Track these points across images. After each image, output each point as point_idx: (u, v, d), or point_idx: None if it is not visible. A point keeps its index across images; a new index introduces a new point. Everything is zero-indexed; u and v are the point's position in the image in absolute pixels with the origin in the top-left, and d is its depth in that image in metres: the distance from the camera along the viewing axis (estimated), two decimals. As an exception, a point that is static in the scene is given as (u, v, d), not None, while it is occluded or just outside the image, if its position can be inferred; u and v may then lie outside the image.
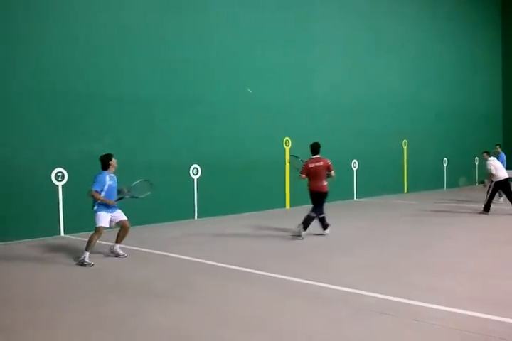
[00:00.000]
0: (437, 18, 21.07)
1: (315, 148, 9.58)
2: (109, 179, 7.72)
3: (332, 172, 9.46)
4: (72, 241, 9.48)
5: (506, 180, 12.66)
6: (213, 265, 7.24)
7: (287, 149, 14.54)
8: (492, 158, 12.95)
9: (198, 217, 12.33)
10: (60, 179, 10.00)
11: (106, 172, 7.78)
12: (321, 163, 9.43)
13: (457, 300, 5.35)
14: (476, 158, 22.74)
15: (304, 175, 9.47)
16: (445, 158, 21.01)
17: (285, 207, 14.50)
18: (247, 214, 13.11)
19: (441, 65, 21.10)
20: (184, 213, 12.05)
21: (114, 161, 7.85)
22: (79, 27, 10.35)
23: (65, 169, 10.05)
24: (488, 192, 12.72)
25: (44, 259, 7.91)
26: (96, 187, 7.59)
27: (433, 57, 20.63)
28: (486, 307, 5.08)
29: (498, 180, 12.58)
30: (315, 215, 9.43)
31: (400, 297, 5.46)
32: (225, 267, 7.09)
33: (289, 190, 14.57)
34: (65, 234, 10.00)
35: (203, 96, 12.49)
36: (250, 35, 13.64)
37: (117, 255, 7.96)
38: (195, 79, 12.35)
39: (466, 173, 22.19)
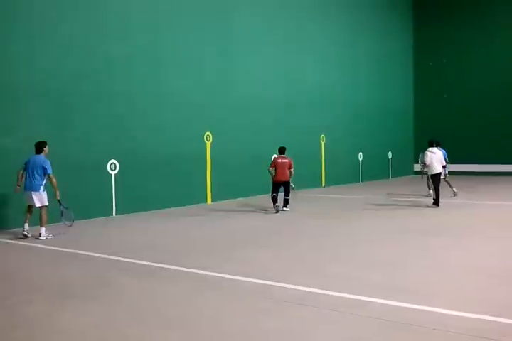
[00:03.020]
0: (355, 19, 21.75)
1: (281, 150, 12.57)
2: None
3: (292, 170, 12.33)
4: (-20, 241, 8.95)
5: (438, 175, 12.84)
6: (133, 263, 7.09)
7: (208, 144, 14.49)
8: (431, 149, 12.99)
9: (116, 213, 12.02)
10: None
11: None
12: (286, 160, 12.31)
13: (374, 289, 5.56)
14: (390, 152, 23.77)
15: (271, 168, 12.23)
16: (360, 153, 21.79)
17: (206, 202, 14.45)
18: (168, 209, 12.95)
19: (357, 63, 21.83)
20: (102, 210, 11.70)
21: (47, 148, 9.19)
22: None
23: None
24: (429, 188, 12.93)
25: None
26: (51, 172, 8.96)
27: (350, 56, 21.30)
28: (402, 296, 5.31)
29: (434, 173, 12.76)
30: (289, 197, 12.37)
31: (319, 288, 5.60)
32: (144, 264, 6.96)
33: (210, 186, 14.53)
34: (-29, 234, 9.42)
35: (121, 90, 12.15)
36: (171, 29, 13.42)
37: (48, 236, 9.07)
38: (113, 72, 11.99)
39: (380, 167, 23.23)
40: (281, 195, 12.39)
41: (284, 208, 12.27)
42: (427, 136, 24.47)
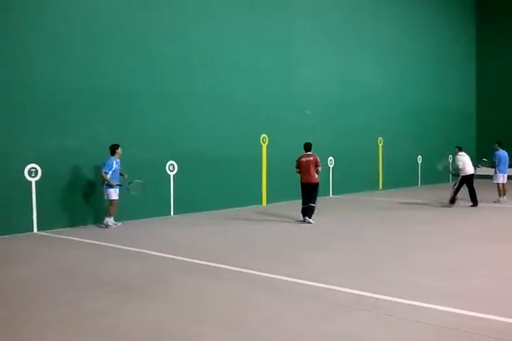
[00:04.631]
0: (414, 18, 21.30)
1: (306, 147, 11.24)
2: (115, 163, 10.20)
3: (319, 168, 11.05)
4: (45, 237, 9.36)
5: (472, 176, 13.36)
6: (189, 262, 7.23)
7: (264, 146, 14.56)
8: (461, 153, 13.58)
9: (174, 213, 12.28)
10: (33, 175, 9.86)
11: (113, 157, 10.21)
12: (311, 158, 10.95)
13: (431, 295, 5.44)
14: (450, 155, 23.07)
15: (298, 169, 11.08)
16: (419, 156, 21.29)
17: (262, 203, 14.54)
18: (224, 210, 13.10)
19: (417, 65, 21.35)
20: (161, 209, 11.99)
21: (119, 150, 10.28)
22: (52, 17, 10.18)
23: (38, 165, 9.91)
24: (454, 186, 13.59)
25: (15, 256, 7.81)
26: (104, 170, 10.05)
27: (408, 56, 20.85)
28: (459, 302, 5.17)
29: (464, 174, 13.32)
30: (315, 205, 10.89)
31: (374, 292, 5.53)
32: (201, 264, 7.08)
33: (266, 187, 14.61)
34: (38, 230, 9.86)
35: (180, 92, 12.41)
36: (229, 31, 13.59)
37: (113, 225, 10.42)
38: (171, 74, 12.27)
39: (440, 170, 22.57)
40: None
41: (307, 219, 10.83)
42: (489, 139, 23.62)
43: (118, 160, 10.37)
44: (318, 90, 16.44)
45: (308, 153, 11.12)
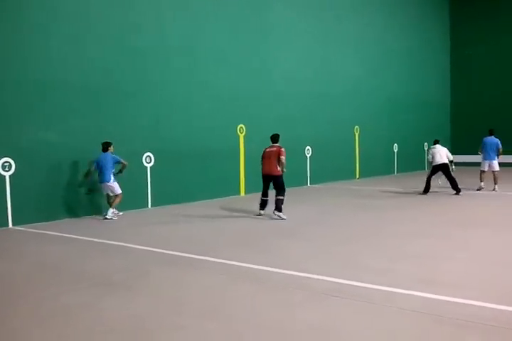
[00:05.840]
0: (389, 8, 21.41)
1: (272, 138, 10.55)
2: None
3: (282, 157, 10.14)
4: (21, 232, 9.22)
5: (443, 165, 13.64)
6: (170, 254, 7.19)
7: (241, 136, 14.53)
8: (433, 146, 14.06)
9: (151, 205, 12.20)
10: (6, 169, 9.67)
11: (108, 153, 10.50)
12: (274, 149, 10.28)
13: (409, 281, 5.51)
14: (426, 143, 23.38)
15: (261, 161, 10.50)
16: (395, 144, 21.51)
17: (240, 194, 14.53)
18: (202, 201, 13.07)
19: (392, 54, 21.50)
20: (138, 202, 11.90)
21: (111, 147, 10.57)
22: (29, 10, 9.94)
23: (12, 159, 9.72)
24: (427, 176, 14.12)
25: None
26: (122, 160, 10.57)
27: (384, 46, 20.98)
28: (438, 288, 5.25)
29: (435, 164, 13.82)
30: (283, 197, 10.16)
31: (354, 280, 5.58)
32: (180, 255, 7.06)
33: (244, 177, 14.60)
34: (13, 225, 9.70)
35: (156, 84, 12.28)
36: (205, 22, 13.46)
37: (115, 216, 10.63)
38: (148, 66, 12.11)
39: (416, 158, 22.88)
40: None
41: (276, 212, 10.05)
42: (464, 127, 23.99)
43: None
44: (295, 80, 16.45)
45: (274, 144, 10.41)
